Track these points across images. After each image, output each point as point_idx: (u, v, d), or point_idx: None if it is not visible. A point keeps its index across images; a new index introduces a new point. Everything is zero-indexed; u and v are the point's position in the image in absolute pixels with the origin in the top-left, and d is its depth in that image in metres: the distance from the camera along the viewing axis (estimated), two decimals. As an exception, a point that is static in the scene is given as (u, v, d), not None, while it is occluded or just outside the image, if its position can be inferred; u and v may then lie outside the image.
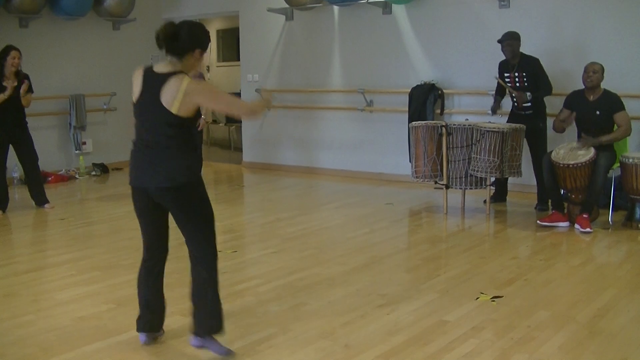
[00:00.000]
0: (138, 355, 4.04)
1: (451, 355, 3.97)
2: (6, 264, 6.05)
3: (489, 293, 5.03)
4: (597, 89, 7.00)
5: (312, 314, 4.68)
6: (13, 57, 7.72)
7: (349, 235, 6.90)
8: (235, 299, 4.99)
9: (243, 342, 4.18)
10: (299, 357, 3.96)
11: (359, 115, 10.27)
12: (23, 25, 10.22)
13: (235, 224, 7.61)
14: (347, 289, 5.18)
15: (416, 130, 7.72)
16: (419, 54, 9.64)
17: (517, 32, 7.67)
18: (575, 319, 4.53)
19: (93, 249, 6.23)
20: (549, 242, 6.59)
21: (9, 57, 7.70)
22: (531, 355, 3.95)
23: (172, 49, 3.84)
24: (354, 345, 4.12)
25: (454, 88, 9.37)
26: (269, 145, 11.44)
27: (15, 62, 7.73)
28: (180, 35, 3.80)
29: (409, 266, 5.94)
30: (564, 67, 8.20)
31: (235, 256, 6.18)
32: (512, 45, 7.59)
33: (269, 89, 11.21)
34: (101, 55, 11.20)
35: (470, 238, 6.79)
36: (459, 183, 7.66)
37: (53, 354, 4.05)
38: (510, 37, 7.62)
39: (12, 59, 7.71)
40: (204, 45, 3.90)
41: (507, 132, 7.25)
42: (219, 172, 11.40)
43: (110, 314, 4.67)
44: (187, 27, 3.85)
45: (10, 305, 4.91)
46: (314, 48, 10.71)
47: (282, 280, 5.41)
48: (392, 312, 4.68)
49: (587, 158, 6.78)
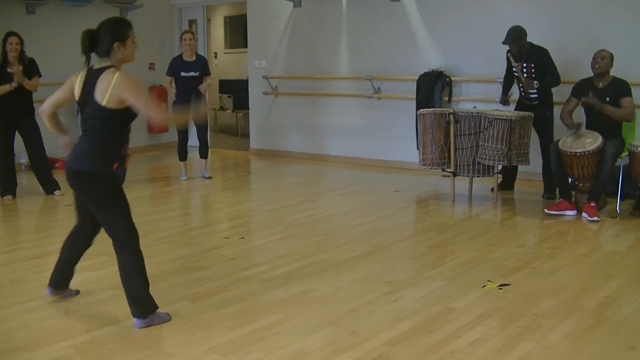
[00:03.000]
0: (146, 340, 4.04)
1: (457, 342, 3.97)
2: (13, 249, 6.08)
3: (496, 281, 5.03)
4: (605, 75, 6.97)
5: (319, 300, 4.68)
6: (11, 43, 7.69)
7: (356, 222, 6.89)
8: (242, 285, 5.00)
9: (249, 328, 4.18)
10: (305, 344, 3.97)
11: (367, 102, 10.24)
12: (30, 11, 10.22)
13: (242, 210, 7.62)
14: (354, 276, 5.18)
15: (424, 117, 7.70)
16: (427, 41, 9.61)
17: (519, 29, 7.54)
18: (582, 307, 4.52)
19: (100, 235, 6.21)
20: (556, 230, 6.58)
21: (7, 43, 7.70)
22: (538, 343, 3.95)
23: (97, 52, 4.17)
24: (360, 332, 4.12)
25: (461, 75, 9.34)
26: (276, 132, 11.44)
27: (13, 47, 7.69)
28: (99, 38, 4.14)
29: (415, 253, 5.93)
30: (572, 55, 8.16)
31: (242, 242, 6.18)
32: (517, 45, 7.52)
33: (276, 75, 11.20)
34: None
35: (477, 226, 6.78)
36: (466, 171, 7.64)
37: (59, 340, 4.07)
38: (512, 38, 7.52)
39: (10, 44, 7.69)
40: (121, 36, 4.16)
41: (515, 120, 7.23)
42: (226, 159, 11.40)
43: (117, 299, 4.67)
44: (103, 27, 4.16)
45: (17, 290, 4.93)
46: (322, 35, 10.68)
47: (289, 267, 5.41)
48: (398, 300, 4.68)
49: (594, 146, 6.75)
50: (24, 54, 7.86)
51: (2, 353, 3.89)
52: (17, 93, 7.76)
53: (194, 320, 4.34)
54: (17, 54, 7.74)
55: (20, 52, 7.79)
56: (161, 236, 6.34)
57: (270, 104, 11.47)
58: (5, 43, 7.72)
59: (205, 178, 9.27)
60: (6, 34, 7.79)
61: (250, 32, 11.74)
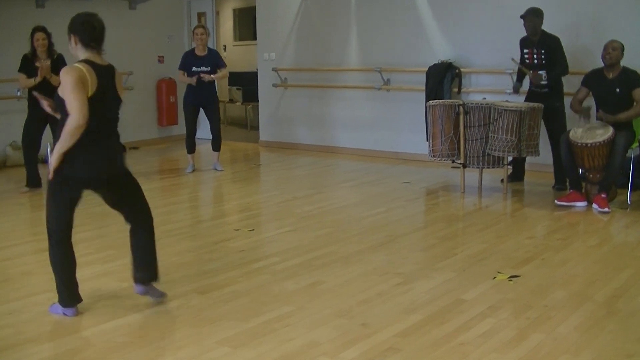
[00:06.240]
0: (156, 333, 4.06)
1: (468, 334, 3.96)
2: (24, 242, 6.11)
3: (506, 272, 5.02)
4: (616, 66, 6.94)
5: (329, 292, 4.69)
6: (37, 39, 7.68)
7: (366, 214, 6.89)
8: (252, 277, 5.01)
9: (259, 320, 4.19)
10: (315, 336, 3.97)
11: (376, 93, 10.23)
12: (39, 5, 10.21)
13: (251, 202, 7.62)
14: (364, 268, 5.18)
15: (433, 109, 7.68)
16: (436, 33, 9.58)
17: (540, 10, 7.58)
18: (593, 299, 4.51)
19: (109, 227, 6.24)
20: (566, 221, 6.56)
21: (34, 39, 7.69)
22: (548, 335, 3.94)
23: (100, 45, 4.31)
24: (371, 324, 4.12)
25: (471, 67, 9.31)
26: (286, 124, 11.43)
27: (40, 42, 7.68)
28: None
29: (425, 245, 5.92)
30: (582, 45, 8.12)
31: (252, 235, 6.19)
32: (534, 22, 7.53)
33: (285, 67, 11.19)
34: (118, 34, 11.13)
35: (487, 217, 6.77)
36: (476, 162, 7.62)
37: (70, 332, 4.09)
38: (532, 13, 7.56)
39: (37, 40, 7.69)
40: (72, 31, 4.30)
41: (524, 111, 7.20)
42: (235, 151, 11.40)
43: (126, 292, 4.69)
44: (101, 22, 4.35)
45: (28, 283, 4.95)
46: (331, 26, 10.65)
47: (299, 259, 5.41)
48: (408, 291, 4.67)
49: (605, 137, 6.72)
50: (52, 49, 7.83)
51: (12, 345, 3.91)
52: (45, 88, 7.74)
53: (204, 312, 4.35)
54: (45, 48, 7.72)
55: (48, 47, 7.78)
56: (171, 228, 6.36)
57: (279, 96, 11.46)
58: (33, 38, 7.71)
59: (218, 171, 9.27)
60: (33, 29, 7.76)
61: (259, 24, 11.73)
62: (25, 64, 7.79)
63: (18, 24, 7.90)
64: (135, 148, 11.27)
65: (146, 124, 11.94)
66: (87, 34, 4.22)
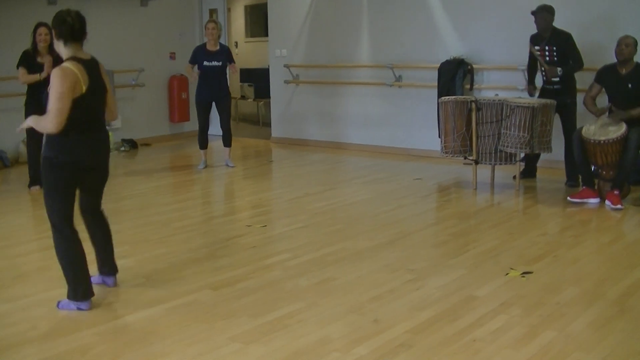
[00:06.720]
0: (168, 329, 4.07)
1: (480, 331, 3.96)
2: (38, 238, 6.14)
3: (518, 269, 5.01)
4: (629, 62, 6.91)
5: (341, 288, 4.69)
6: (40, 34, 7.64)
7: (377, 210, 6.89)
8: (264, 273, 5.02)
9: (272, 316, 4.20)
10: (327, 332, 3.98)
11: (388, 90, 10.22)
12: (51, 2, 10.24)
13: (263, 198, 7.63)
14: (375, 264, 5.18)
15: (445, 105, 7.67)
16: (448, 29, 9.56)
17: (552, 6, 7.56)
18: (605, 296, 4.50)
19: (122, 224, 6.28)
20: (578, 218, 6.54)
21: (36, 34, 7.69)
22: (560, 332, 3.93)
23: (81, 40, 4.55)
24: (383, 320, 4.13)
25: (483, 63, 9.28)
26: (298, 121, 11.44)
27: (42, 38, 7.65)
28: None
29: (437, 241, 5.92)
30: (594, 40, 8.08)
31: (264, 231, 6.20)
32: (545, 19, 7.51)
33: (297, 64, 11.19)
34: (129, 31, 11.21)
35: (499, 214, 6.76)
36: (488, 158, 7.61)
37: (85, 327, 4.11)
38: (544, 9, 7.53)
39: (39, 35, 7.66)
40: (52, 27, 4.47)
41: (537, 108, 7.18)
42: (247, 147, 11.41)
43: (139, 288, 4.72)
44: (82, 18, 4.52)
45: (42, 278, 4.99)
46: (342, 23, 10.64)
47: (311, 255, 5.42)
48: (420, 288, 4.68)
49: (618, 134, 6.69)
50: (54, 45, 7.83)
51: (27, 340, 3.94)
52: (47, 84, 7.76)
53: (216, 308, 4.36)
54: (47, 44, 7.72)
55: (50, 43, 7.78)
56: (183, 225, 6.38)
57: (291, 92, 11.47)
58: (35, 33, 7.72)
59: (230, 167, 9.28)
60: (36, 24, 7.76)
61: (270, 20, 11.73)
62: (25, 59, 7.75)
63: (30, 21, 7.90)
64: (147, 145, 11.31)
65: (158, 121, 11.96)
66: (65, 29, 4.40)
